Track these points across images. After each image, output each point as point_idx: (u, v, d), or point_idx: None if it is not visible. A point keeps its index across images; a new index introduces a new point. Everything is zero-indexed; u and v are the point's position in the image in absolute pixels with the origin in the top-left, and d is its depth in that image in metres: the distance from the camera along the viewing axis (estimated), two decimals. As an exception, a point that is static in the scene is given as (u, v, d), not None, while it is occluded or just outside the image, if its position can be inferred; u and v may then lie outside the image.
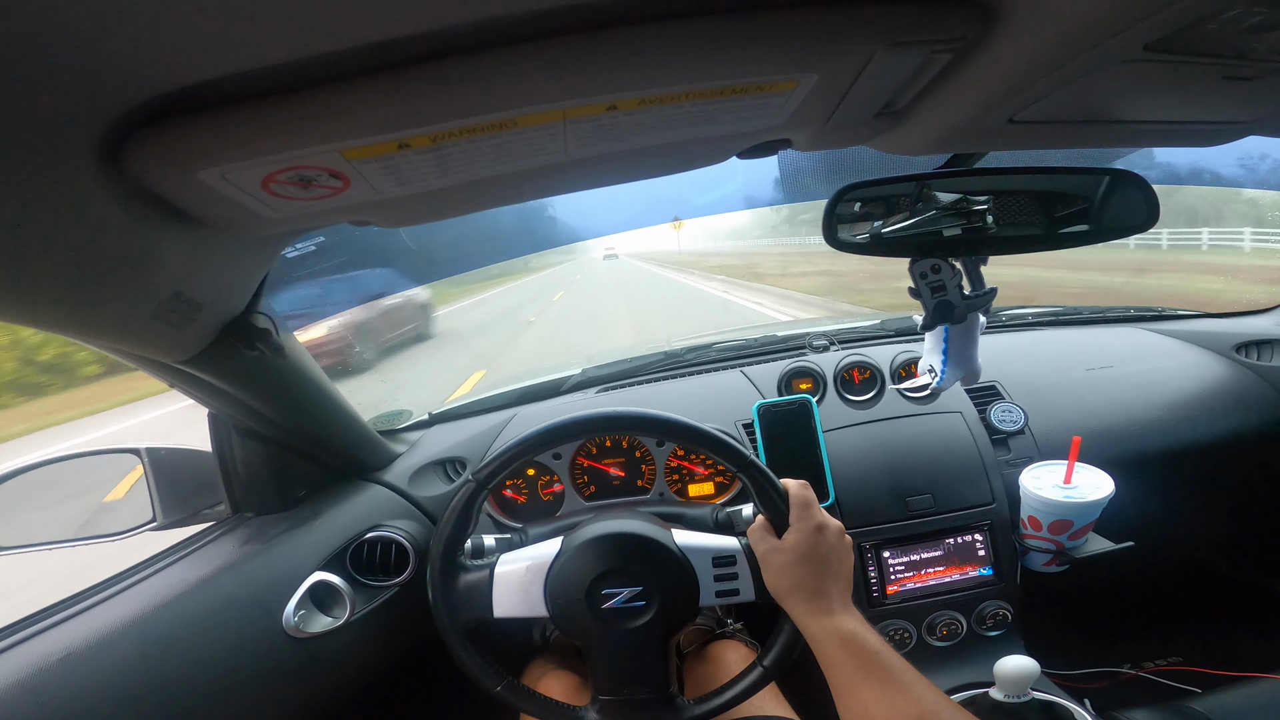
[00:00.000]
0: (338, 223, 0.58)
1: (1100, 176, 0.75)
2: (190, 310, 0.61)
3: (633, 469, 1.17)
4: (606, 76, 0.42)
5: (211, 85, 0.36)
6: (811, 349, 1.38)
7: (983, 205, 0.76)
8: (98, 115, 0.37)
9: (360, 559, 0.95)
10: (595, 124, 0.47)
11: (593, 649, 0.76)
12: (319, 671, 0.85)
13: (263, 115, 0.38)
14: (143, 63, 0.33)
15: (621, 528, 0.77)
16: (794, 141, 0.62)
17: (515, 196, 0.60)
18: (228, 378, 0.77)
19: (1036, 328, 1.54)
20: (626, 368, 1.46)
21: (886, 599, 1.09)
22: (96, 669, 0.66)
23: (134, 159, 0.39)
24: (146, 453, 0.86)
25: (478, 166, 0.50)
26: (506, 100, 0.41)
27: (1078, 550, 1.06)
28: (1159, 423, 1.24)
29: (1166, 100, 0.57)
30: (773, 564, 0.72)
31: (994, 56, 0.46)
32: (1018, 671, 0.86)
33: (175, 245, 0.52)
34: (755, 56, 0.43)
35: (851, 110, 0.54)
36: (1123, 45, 0.43)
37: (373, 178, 0.47)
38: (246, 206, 0.48)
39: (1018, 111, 0.55)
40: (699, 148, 0.58)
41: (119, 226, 0.45)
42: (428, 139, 0.43)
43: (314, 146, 0.41)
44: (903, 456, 1.14)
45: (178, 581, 0.79)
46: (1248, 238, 12.65)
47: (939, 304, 0.79)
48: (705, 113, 0.50)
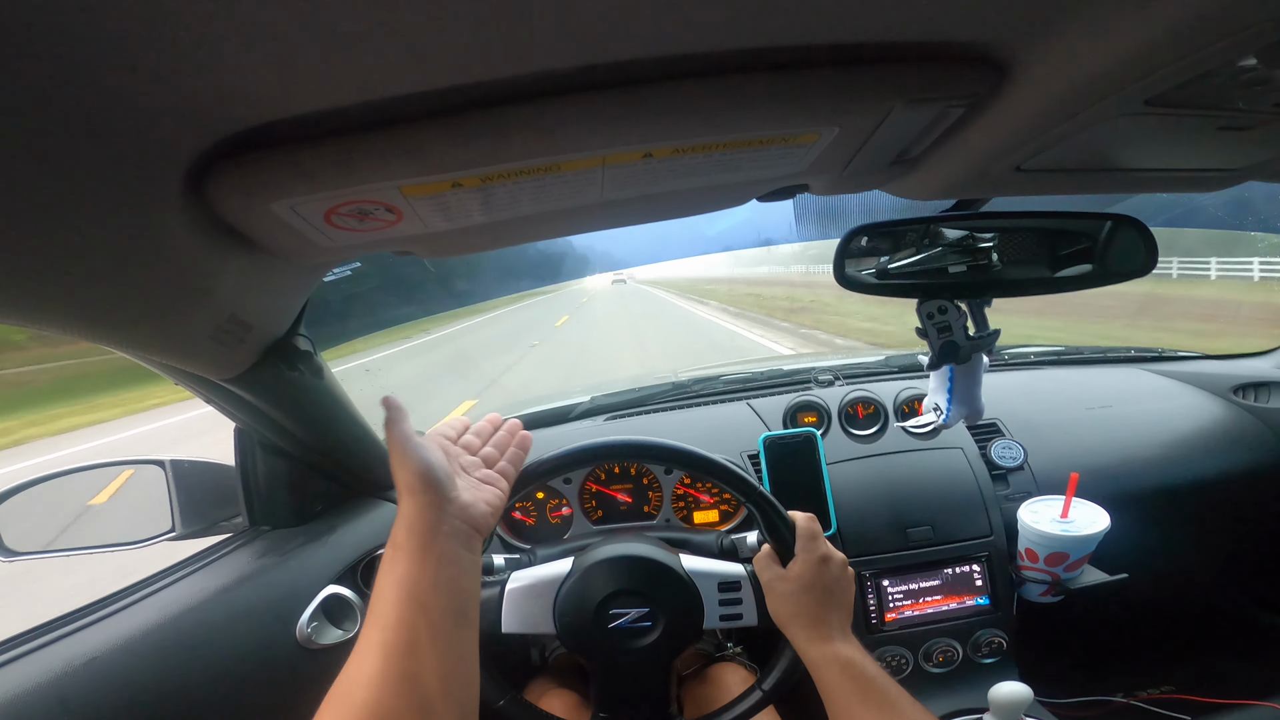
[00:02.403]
0: (383, 251, 0.60)
1: (1102, 221, 0.78)
2: (241, 331, 0.64)
3: (639, 495, 1.19)
4: (647, 128, 0.44)
5: (290, 122, 0.39)
6: (816, 384, 1.41)
7: (987, 247, 0.79)
8: (188, 147, 0.39)
9: (371, 574, 0.96)
10: (631, 169, 0.50)
11: (597, 667, 0.77)
12: (328, 683, 0.85)
13: (334, 151, 0.40)
14: (232, 100, 0.36)
15: (633, 550, 0.79)
16: (811, 186, 0.65)
17: (549, 233, 0.63)
18: (264, 396, 0.79)
19: (1038, 367, 1.57)
20: (634, 397, 1.48)
21: (885, 625, 1.11)
22: (120, 673, 0.68)
23: (215, 188, 0.42)
24: (170, 464, 0.87)
25: (518, 205, 0.53)
26: (555, 146, 0.44)
27: (1073, 581, 1.08)
28: (1156, 461, 1.27)
29: (1166, 150, 0.60)
30: (777, 591, 0.74)
31: (1004, 110, 0.49)
32: (1011, 697, 0.87)
33: (235, 270, 0.54)
34: (782, 111, 0.46)
35: (868, 159, 0.57)
36: (1124, 101, 0.46)
37: (424, 213, 0.50)
38: (306, 236, 0.50)
39: (1024, 160, 0.58)
40: (723, 192, 0.61)
41: (191, 252, 0.48)
42: (479, 179, 0.46)
43: (377, 183, 0.43)
44: (904, 489, 1.17)
45: (198, 590, 0.81)
46: (1256, 268, 12.73)
47: (945, 344, 0.82)
48: (732, 161, 0.53)
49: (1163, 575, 1.26)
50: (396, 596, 0.51)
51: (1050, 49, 0.42)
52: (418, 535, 0.53)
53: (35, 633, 0.70)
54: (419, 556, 0.53)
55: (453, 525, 0.56)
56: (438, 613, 0.51)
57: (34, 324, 0.45)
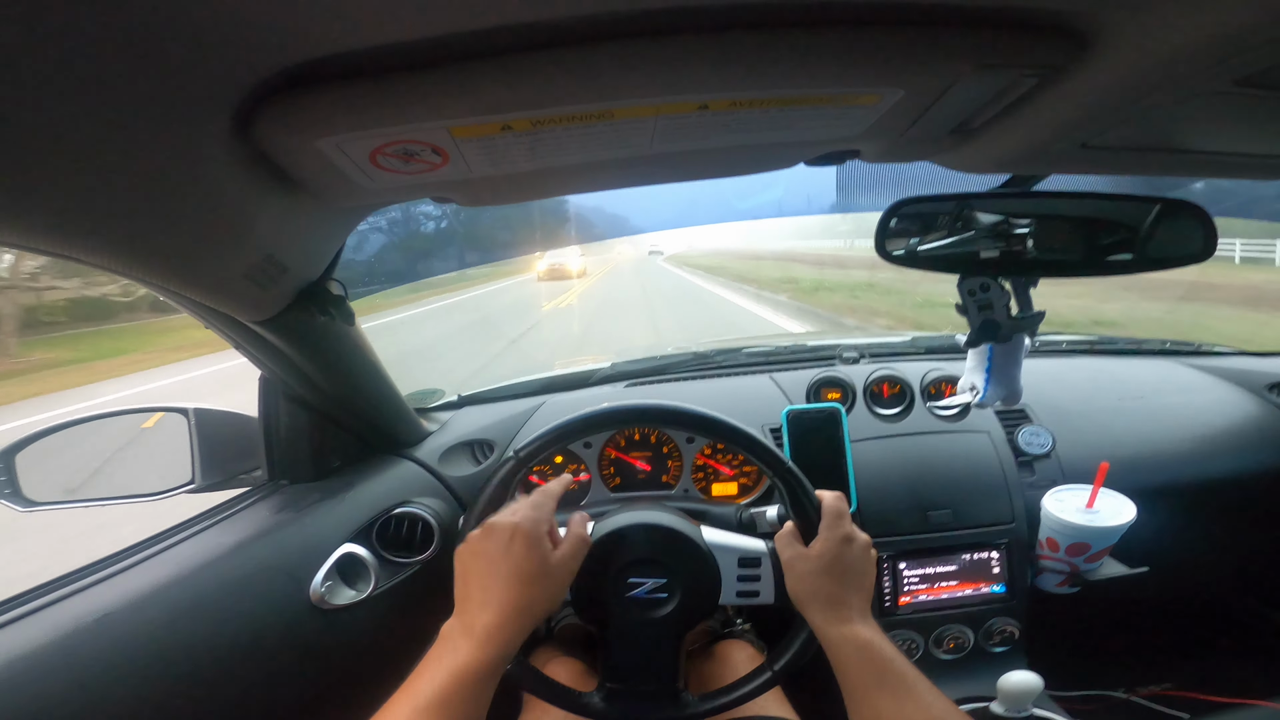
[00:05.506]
0: (423, 198, 0.59)
1: (1157, 205, 0.75)
2: (276, 272, 0.63)
3: (659, 464, 1.18)
4: (705, 78, 0.43)
5: (339, 59, 0.38)
6: (841, 360, 1.39)
7: (1034, 227, 0.77)
8: (237, 83, 0.38)
9: (386, 534, 0.96)
10: (684, 121, 0.49)
11: (608, 636, 0.76)
12: (339, 644, 0.85)
13: (385, 89, 0.40)
14: (283, 34, 0.35)
15: (655, 519, 0.77)
16: (863, 153, 0.63)
17: (590, 185, 0.62)
18: (294, 341, 0.79)
19: (1071, 355, 1.55)
20: (655, 365, 1.46)
21: (898, 609, 1.11)
22: (130, 631, 0.67)
23: (263, 123, 0.41)
24: (194, 413, 0.87)
25: (565, 153, 0.51)
26: (611, 92, 0.42)
27: (1092, 573, 1.07)
28: (1186, 455, 1.25)
29: (1246, 133, 0.58)
30: (797, 570, 0.72)
31: (1079, 84, 0.47)
32: (1021, 687, 0.87)
33: (275, 210, 0.54)
34: (848, 68, 0.44)
35: (927, 126, 0.55)
36: (1212, 79, 0.43)
37: (470, 156, 0.49)
38: (350, 176, 0.50)
39: (1091, 137, 0.56)
40: (773, 152, 0.59)
41: (234, 189, 0.47)
42: (529, 123, 0.45)
43: (426, 122, 0.42)
44: (926, 471, 1.15)
45: (214, 545, 0.80)
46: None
47: (984, 322, 0.80)
48: (787, 119, 0.51)
49: (1180, 571, 1.25)
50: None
51: (1140, 21, 0.39)
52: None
53: (48, 587, 0.69)
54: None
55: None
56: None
57: (81, 254, 0.45)
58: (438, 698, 0.53)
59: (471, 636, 0.57)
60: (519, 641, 0.60)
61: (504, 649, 0.58)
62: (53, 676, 0.60)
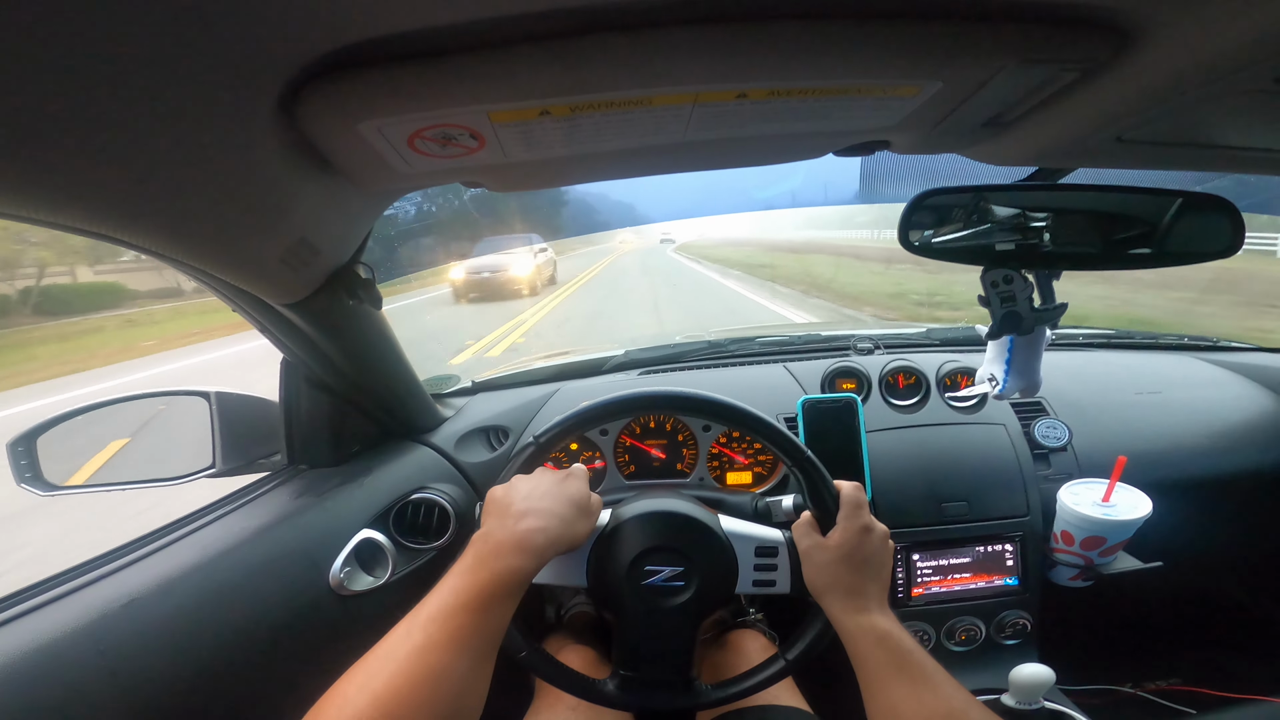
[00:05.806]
0: (455, 181, 0.60)
1: (1189, 199, 0.74)
2: (309, 255, 0.64)
3: (674, 452, 1.18)
4: (746, 66, 0.43)
5: (384, 42, 0.38)
6: (856, 350, 1.38)
7: (1056, 220, 0.76)
8: (284, 65, 0.38)
9: (404, 519, 0.96)
10: (722, 109, 0.48)
11: (623, 623, 0.76)
12: (357, 630, 0.85)
13: (427, 72, 0.40)
14: (331, 16, 0.35)
15: (673, 507, 0.77)
16: (894, 144, 0.63)
17: (621, 172, 0.62)
18: (320, 325, 0.79)
19: (1088, 349, 1.54)
20: (669, 353, 1.46)
21: (911, 600, 1.11)
22: (158, 615, 0.67)
23: (306, 106, 0.41)
24: (216, 397, 0.87)
25: (601, 139, 0.51)
26: (653, 79, 0.42)
27: (1106, 567, 1.07)
28: (1203, 450, 1.25)
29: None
30: (815, 560, 0.72)
31: (1120, 78, 0.47)
32: (1032, 679, 0.87)
33: (312, 194, 0.54)
34: (889, 59, 0.44)
35: (962, 119, 0.55)
36: (1254, 76, 0.43)
37: (506, 141, 0.49)
38: (387, 160, 0.50)
39: (1127, 131, 0.56)
40: (805, 141, 0.59)
41: (274, 172, 0.48)
42: (568, 108, 0.45)
43: (466, 106, 0.43)
44: (942, 463, 1.15)
45: (237, 530, 0.80)
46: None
47: (1007, 314, 0.79)
48: (824, 109, 0.51)
49: (1191, 566, 1.25)
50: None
51: (1188, 19, 0.39)
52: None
53: (75, 572, 0.69)
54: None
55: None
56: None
57: (130, 237, 0.45)
58: (476, 599, 0.55)
59: (511, 537, 0.61)
60: (551, 555, 0.63)
61: (537, 559, 0.61)
62: (84, 662, 0.60)
